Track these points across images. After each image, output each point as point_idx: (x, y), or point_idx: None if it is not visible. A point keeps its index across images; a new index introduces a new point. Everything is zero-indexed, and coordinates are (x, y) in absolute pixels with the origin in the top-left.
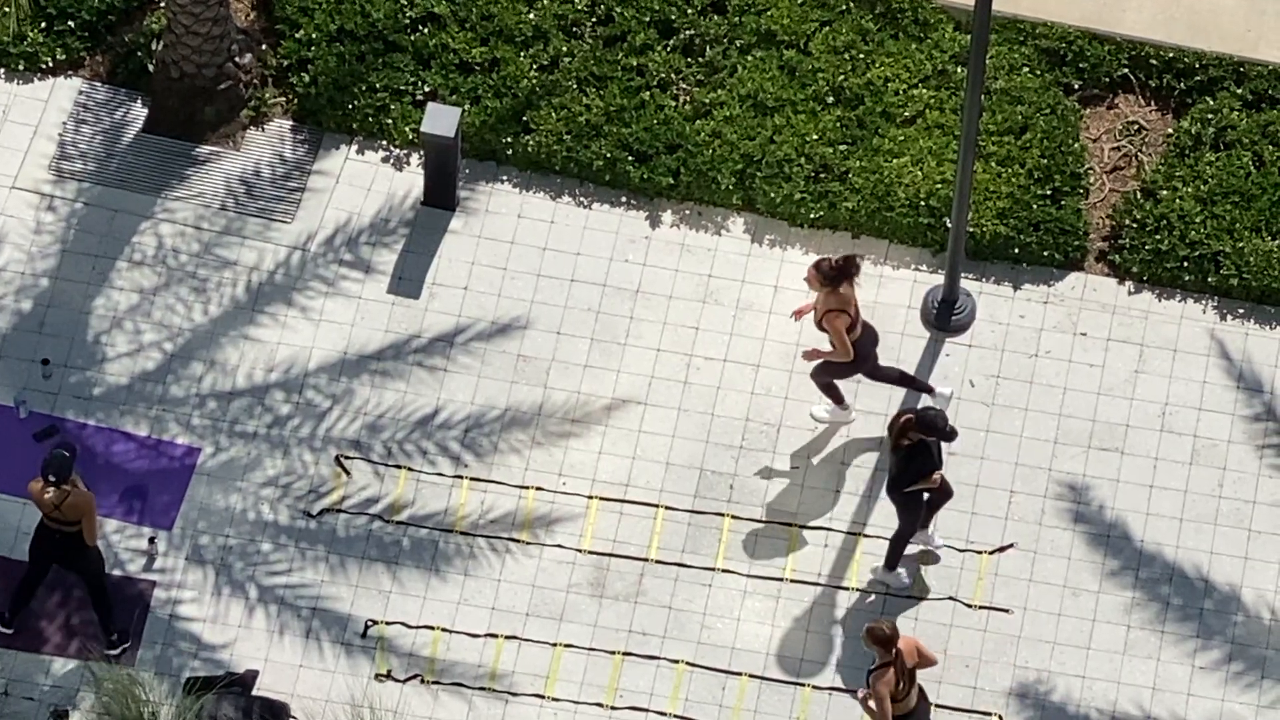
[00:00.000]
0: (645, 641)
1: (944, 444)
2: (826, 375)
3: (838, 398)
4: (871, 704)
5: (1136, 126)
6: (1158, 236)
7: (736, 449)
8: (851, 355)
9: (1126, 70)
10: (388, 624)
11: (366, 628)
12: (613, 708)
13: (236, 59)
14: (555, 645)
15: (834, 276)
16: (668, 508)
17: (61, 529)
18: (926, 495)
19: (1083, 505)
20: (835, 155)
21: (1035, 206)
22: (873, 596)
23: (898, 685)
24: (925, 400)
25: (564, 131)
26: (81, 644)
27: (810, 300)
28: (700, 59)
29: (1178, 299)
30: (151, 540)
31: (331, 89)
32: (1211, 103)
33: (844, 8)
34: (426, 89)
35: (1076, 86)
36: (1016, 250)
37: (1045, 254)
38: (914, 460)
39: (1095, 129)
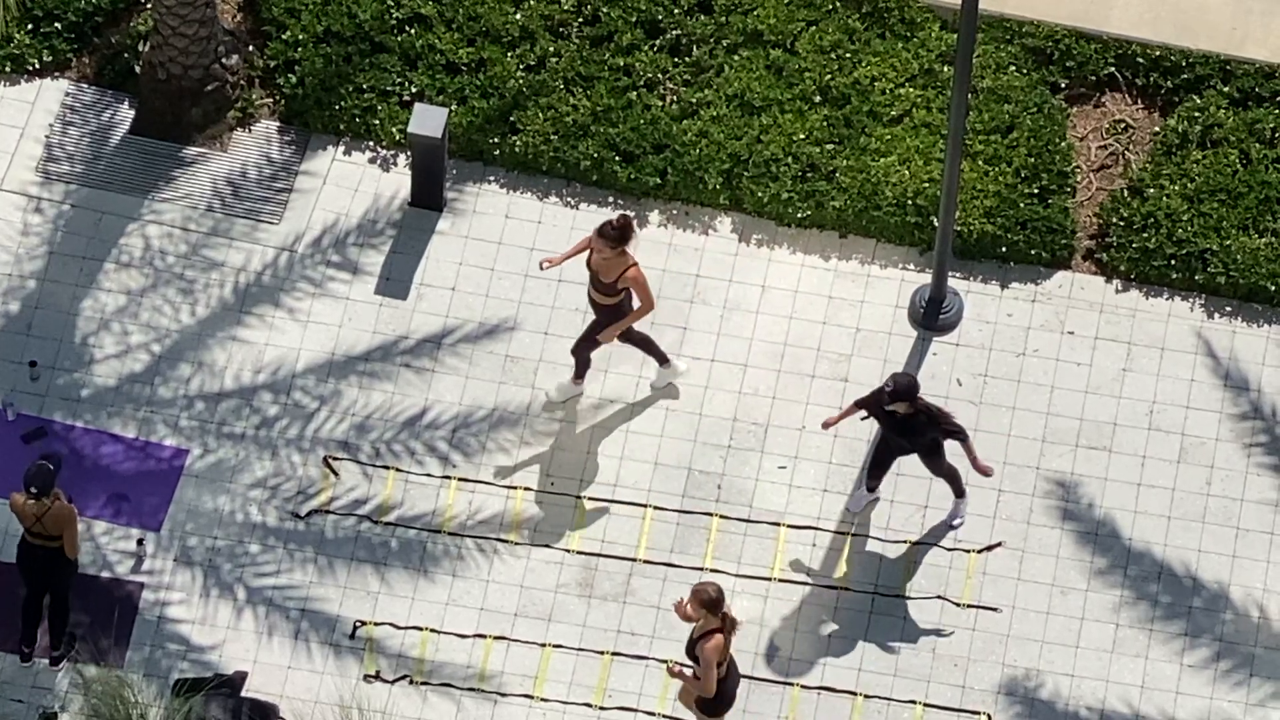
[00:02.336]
0: (634, 641)
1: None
2: (597, 343)
3: (580, 373)
4: (687, 673)
5: (1123, 125)
6: (1145, 235)
7: (724, 448)
8: (654, 303)
9: (1113, 69)
10: (376, 625)
11: (355, 629)
12: (601, 708)
13: (223, 60)
14: (544, 645)
15: (618, 236)
16: (656, 507)
17: (44, 544)
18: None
19: (1071, 503)
20: (822, 155)
21: (1022, 205)
22: (862, 596)
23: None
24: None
25: (551, 132)
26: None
27: (560, 254)
28: (687, 59)
29: (1165, 297)
30: (140, 542)
31: (318, 90)
32: (1198, 101)
33: (830, 7)
34: (413, 90)
35: (1063, 85)
36: (1004, 249)
37: (1032, 252)
38: (913, 428)
39: (1082, 127)
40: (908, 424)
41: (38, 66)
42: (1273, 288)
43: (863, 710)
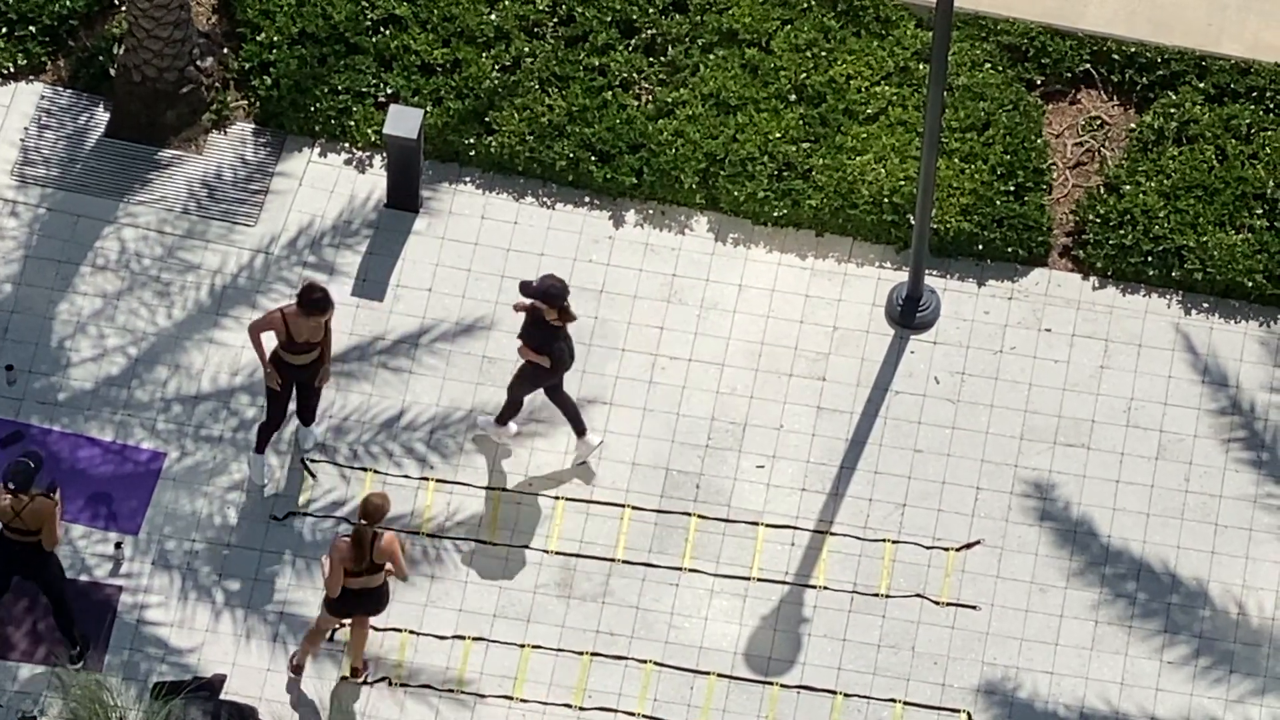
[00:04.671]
0: (613, 642)
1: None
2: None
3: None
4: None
5: (1099, 121)
6: (1121, 231)
7: (702, 448)
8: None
9: (1088, 65)
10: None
11: (334, 631)
12: (581, 708)
13: (198, 63)
14: (523, 646)
15: (320, 308)
16: (634, 508)
17: (21, 539)
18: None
19: (1049, 501)
20: (798, 153)
21: (999, 203)
22: (841, 594)
23: (359, 562)
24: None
25: (526, 132)
26: (48, 650)
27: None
28: (662, 58)
29: (1142, 294)
30: (118, 545)
31: (293, 92)
32: (1174, 97)
33: (805, 6)
34: (388, 91)
35: (1039, 82)
36: (980, 246)
37: (1009, 250)
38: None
39: (1058, 124)
40: (541, 329)
41: (12, 70)
42: (1249, 284)
43: (842, 709)
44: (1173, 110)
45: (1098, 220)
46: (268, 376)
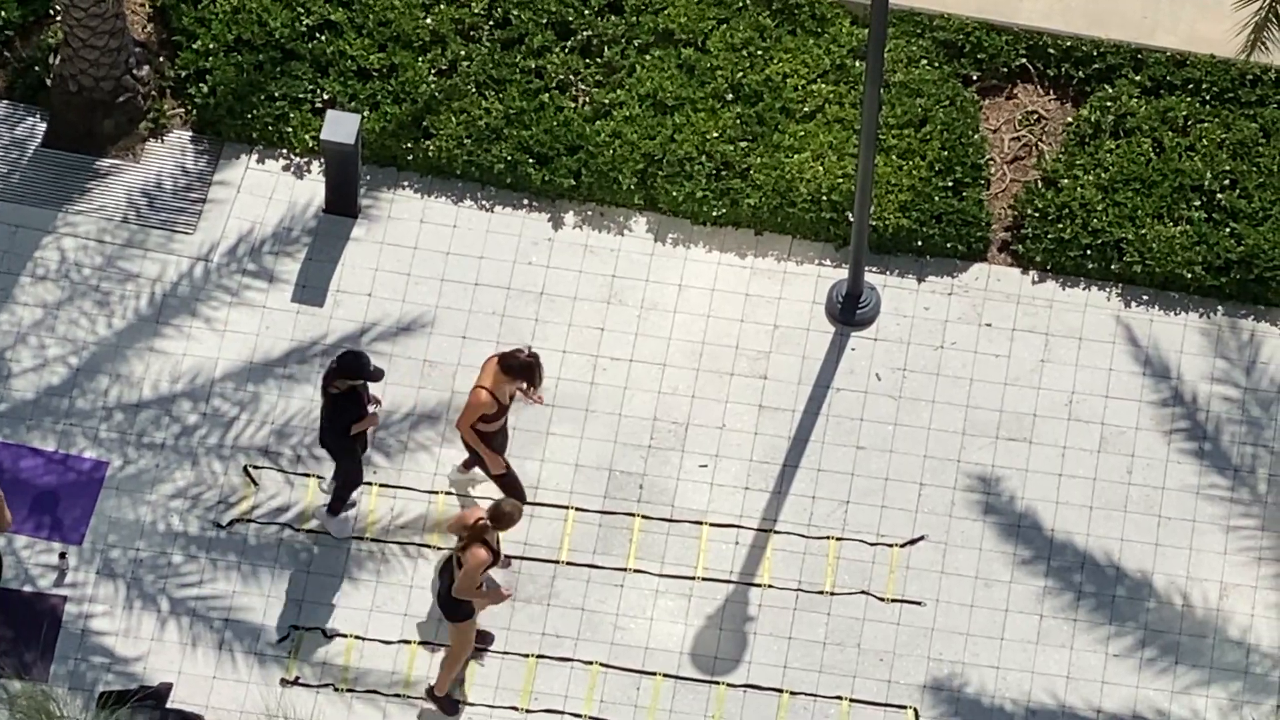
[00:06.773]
0: (559, 643)
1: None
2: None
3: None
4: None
5: (1036, 116)
6: (1060, 225)
7: (645, 448)
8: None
9: (1024, 60)
10: (308, 630)
11: (288, 633)
12: (528, 711)
13: (134, 71)
14: None
15: (527, 369)
16: (578, 509)
17: None
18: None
19: (992, 496)
20: (736, 152)
21: (937, 198)
22: (785, 593)
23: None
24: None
25: (464, 135)
26: None
27: None
28: (599, 59)
29: (1081, 287)
30: (62, 555)
31: (230, 99)
32: (1110, 90)
33: (741, 5)
34: (325, 96)
35: (975, 77)
36: (919, 243)
37: (948, 245)
38: (341, 408)
39: (995, 119)
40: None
41: None
42: (1189, 275)
43: (789, 707)
44: (1109, 103)
45: (1036, 214)
46: (494, 462)
